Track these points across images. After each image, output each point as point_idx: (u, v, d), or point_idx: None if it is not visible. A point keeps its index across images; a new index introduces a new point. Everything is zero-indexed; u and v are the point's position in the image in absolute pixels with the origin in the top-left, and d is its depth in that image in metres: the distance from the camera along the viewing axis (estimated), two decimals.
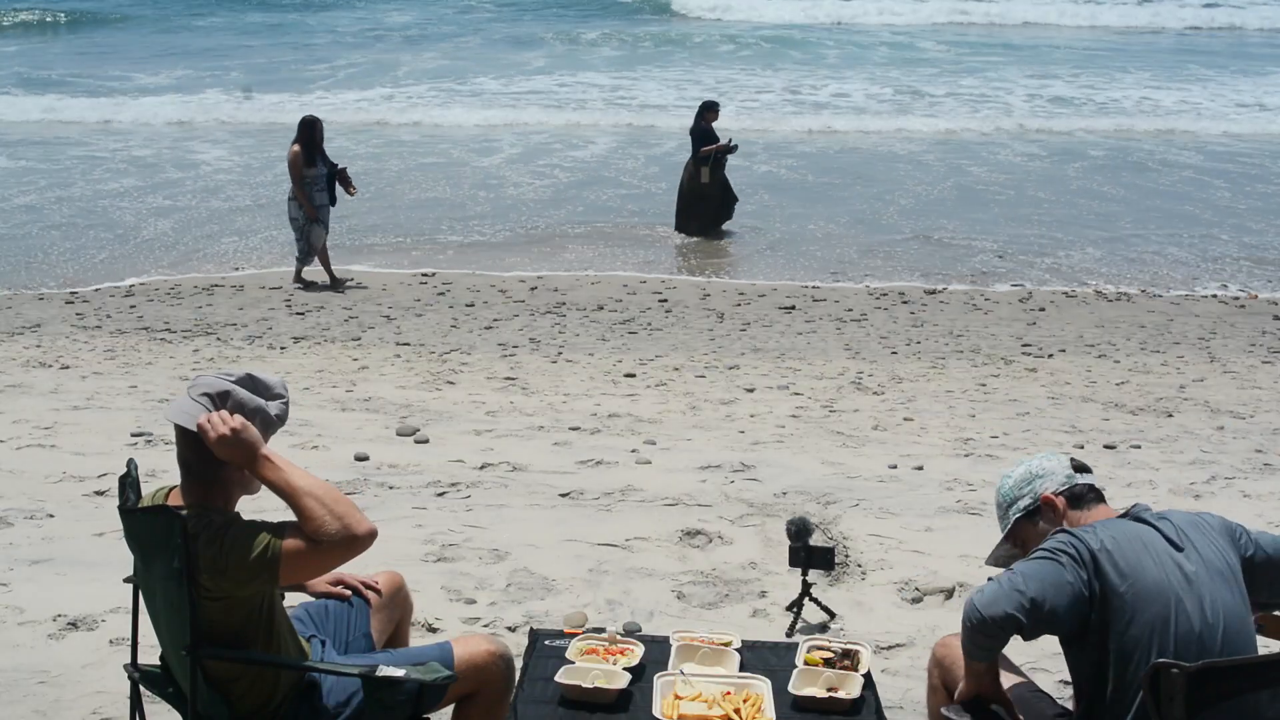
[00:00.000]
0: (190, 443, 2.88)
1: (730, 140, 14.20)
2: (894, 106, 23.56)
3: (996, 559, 3.17)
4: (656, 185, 16.78)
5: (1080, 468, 3.05)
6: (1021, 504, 3.04)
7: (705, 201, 14.18)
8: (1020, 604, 2.71)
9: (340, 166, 12.22)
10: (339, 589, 3.44)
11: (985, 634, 2.77)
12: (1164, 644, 2.68)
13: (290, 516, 2.86)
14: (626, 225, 14.84)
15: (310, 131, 11.94)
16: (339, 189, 12.21)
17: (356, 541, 2.83)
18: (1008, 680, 3.06)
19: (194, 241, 13.88)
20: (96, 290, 11.83)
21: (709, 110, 14.28)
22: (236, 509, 2.98)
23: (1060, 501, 2.99)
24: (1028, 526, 3.04)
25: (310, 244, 12.02)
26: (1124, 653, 2.72)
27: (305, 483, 2.86)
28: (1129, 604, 2.72)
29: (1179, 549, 2.79)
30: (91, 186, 16.61)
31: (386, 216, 15.07)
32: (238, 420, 2.86)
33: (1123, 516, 2.92)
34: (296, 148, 11.90)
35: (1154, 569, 2.74)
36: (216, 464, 2.88)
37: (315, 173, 11.95)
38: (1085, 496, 3.00)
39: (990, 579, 2.81)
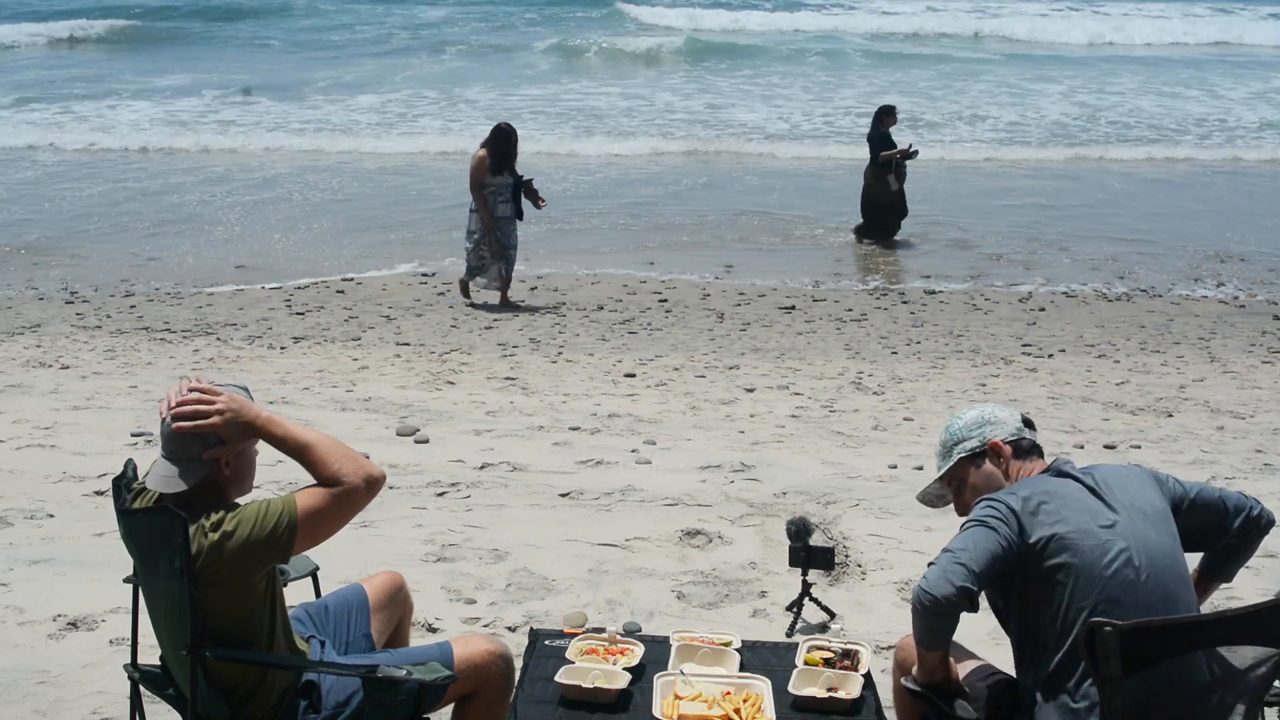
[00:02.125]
0: (165, 443, 2.88)
1: (910, 145, 13.97)
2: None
3: (925, 495, 3.31)
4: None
5: (1028, 423, 3.14)
6: (968, 445, 3.10)
7: (889, 209, 13.89)
8: (966, 575, 2.77)
9: (527, 178, 11.32)
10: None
11: (938, 614, 2.80)
12: (1094, 585, 2.77)
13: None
14: (794, 223, 14.82)
15: (505, 141, 11.12)
16: (525, 202, 11.35)
17: (374, 482, 2.86)
18: (963, 667, 3.09)
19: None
20: (97, 290, 11.84)
21: (887, 115, 13.92)
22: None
23: (1007, 449, 3.07)
24: (969, 468, 3.10)
25: (490, 270, 11.30)
26: (1055, 598, 2.80)
27: (312, 435, 2.88)
28: (1052, 550, 2.81)
29: (1101, 498, 2.89)
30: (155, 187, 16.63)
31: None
32: (222, 395, 2.85)
33: (1045, 472, 3.01)
34: (483, 152, 11.12)
35: (1075, 518, 2.84)
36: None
37: (500, 182, 11.15)
38: (1029, 450, 3.09)
39: (930, 564, 2.85)
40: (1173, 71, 28.86)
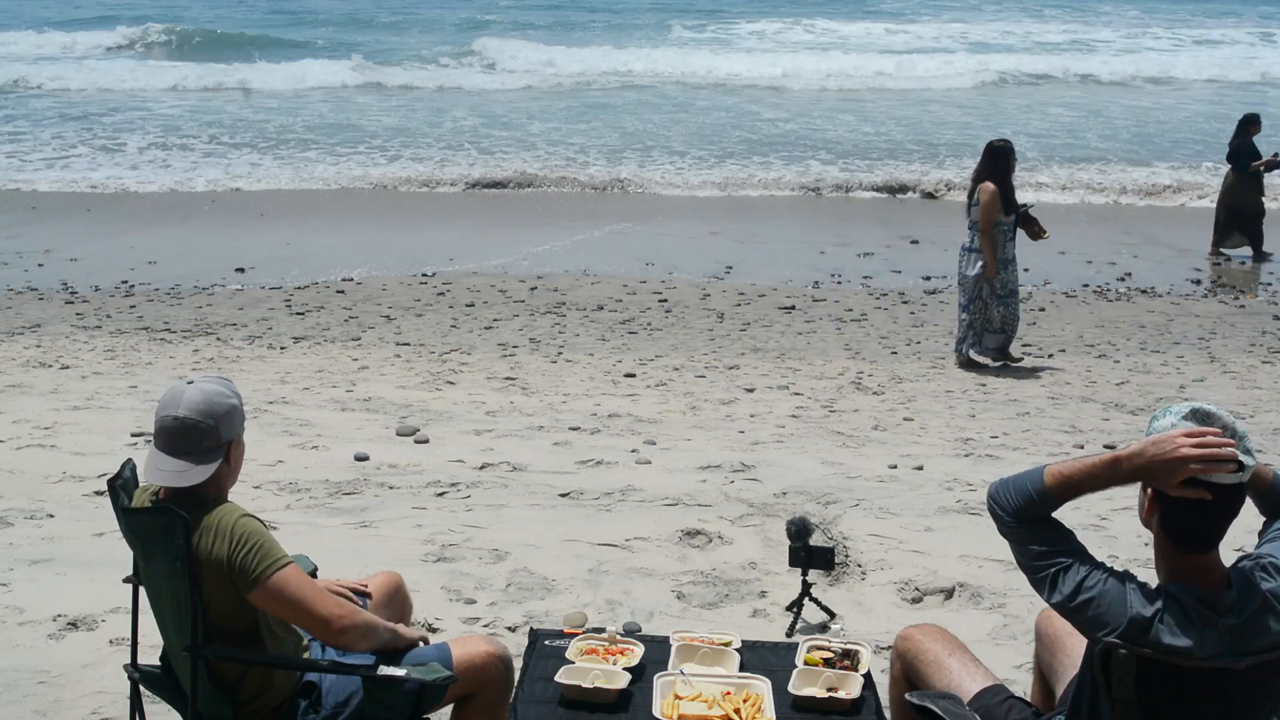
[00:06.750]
0: (174, 437, 2.89)
1: (1277, 154, 13.79)
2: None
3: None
4: None
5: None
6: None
7: (1257, 218, 13.64)
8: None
9: (1025, 206, 9.35)
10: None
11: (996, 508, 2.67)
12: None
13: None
14: None
15: (1005, 161, 9.04)
16: (1019, 235, 9.33)
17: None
18: (976, 684, 3.00)
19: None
20: (97, 290, 11.83)
21: (1252, 123, 13.73)
22: (230, 498, 3.01)
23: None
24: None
25: (988, 321, 9.24)
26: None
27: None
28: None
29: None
30: None
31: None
32: None
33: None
34: (993, 186, 8.92)
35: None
36: None
37: (1008, 220, 9.11)
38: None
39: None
40: None
